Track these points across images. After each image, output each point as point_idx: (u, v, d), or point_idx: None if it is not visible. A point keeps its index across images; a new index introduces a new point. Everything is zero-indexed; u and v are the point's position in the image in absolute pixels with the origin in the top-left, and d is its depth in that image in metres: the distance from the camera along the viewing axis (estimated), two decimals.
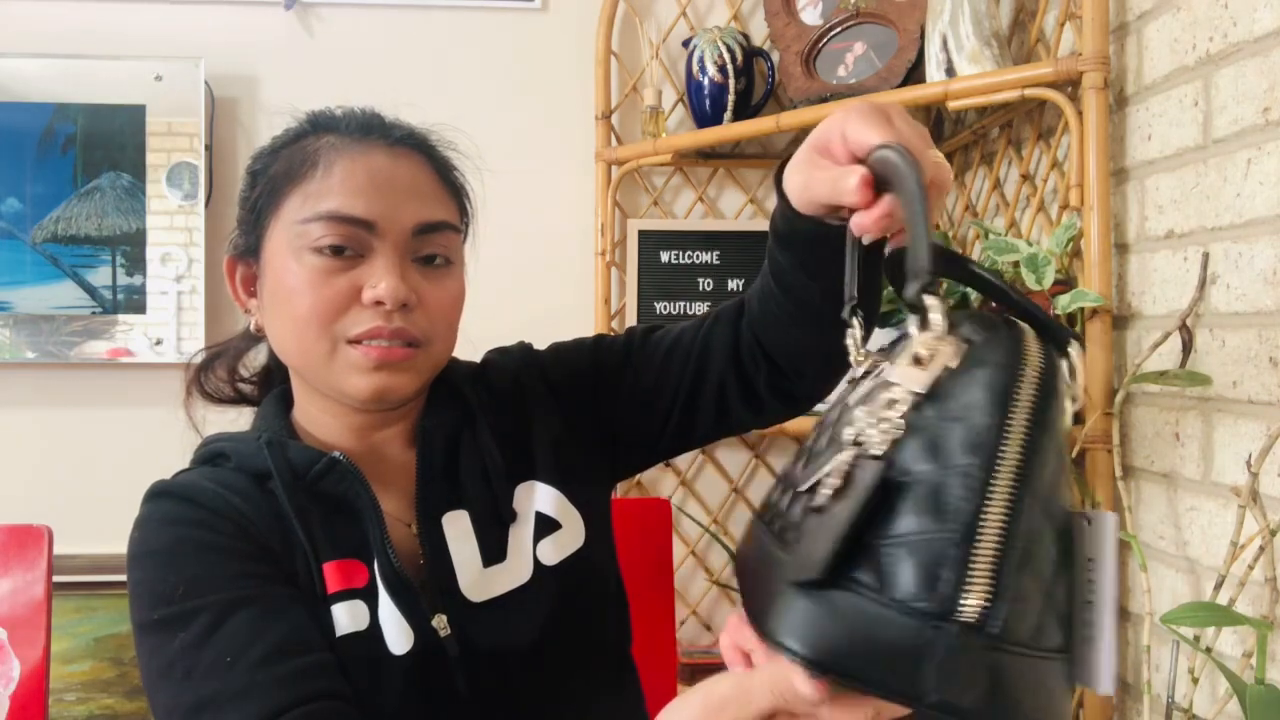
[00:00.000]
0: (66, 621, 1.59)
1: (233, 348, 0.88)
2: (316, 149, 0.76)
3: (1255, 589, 0.91)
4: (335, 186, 0.74)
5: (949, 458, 0.45)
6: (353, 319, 0.73)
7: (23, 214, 1.61)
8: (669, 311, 1.68)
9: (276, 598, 0.70)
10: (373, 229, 0.73)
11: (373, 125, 0.79)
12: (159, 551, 0.72)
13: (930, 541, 0.43)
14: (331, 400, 0.78)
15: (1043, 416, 0.46)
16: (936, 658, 0.42)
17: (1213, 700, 0.96)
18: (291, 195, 0.75)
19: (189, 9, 1.69)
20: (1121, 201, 1.16)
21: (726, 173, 1.76)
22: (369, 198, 0.73)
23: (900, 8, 1.43)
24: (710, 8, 1.75)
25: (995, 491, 0.44)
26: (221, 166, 1.69)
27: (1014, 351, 0.47)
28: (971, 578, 0.42)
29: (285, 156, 0.77)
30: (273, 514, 0.74)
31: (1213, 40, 0.99)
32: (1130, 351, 1.13)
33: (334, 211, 0.73)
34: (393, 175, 0.75)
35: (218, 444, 0.79)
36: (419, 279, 0.75)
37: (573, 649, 0.79)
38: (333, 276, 0.73)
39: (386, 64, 1.72)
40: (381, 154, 0.76)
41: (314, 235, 0.73)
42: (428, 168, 0.79)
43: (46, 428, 1.67)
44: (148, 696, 0.69)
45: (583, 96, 1.70)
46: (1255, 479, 0.89)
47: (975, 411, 0.45)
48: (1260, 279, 0.92)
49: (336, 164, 0.75)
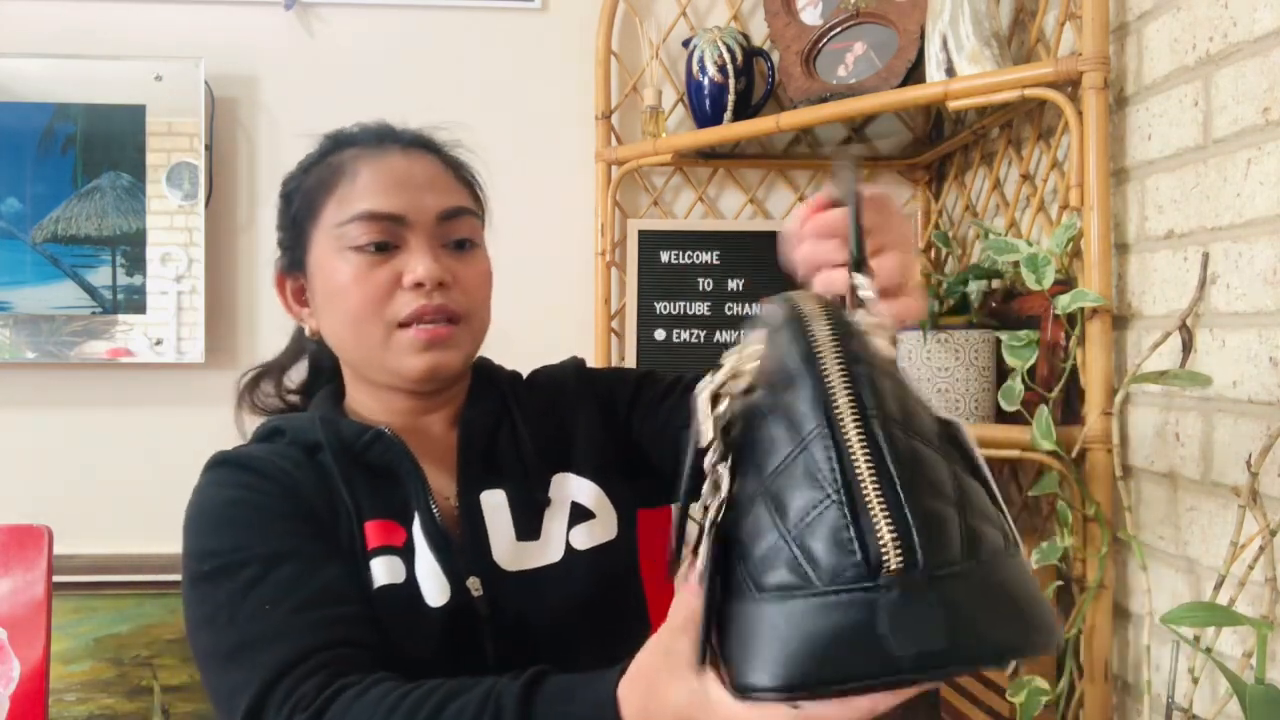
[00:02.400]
0: (66, 621, 1.59)
1: (277, 365, 0.98)
2: (341, 161, 0.85)
3: (1255, 589, 0.91)
4: (364, 189, 0.82)
5: (798, 429, 0.46)
6: (399, 303, 0.81)
7: (23, 214, 1.61)
8: (669, 311, 1.68)
9: (316, 555, 0.76)
10: (402, 221, 0.82)
11: (386, 133, 0.89)
12: (211, 512, 0.79)
13: (821, 515, 0.44)
14: (381, 387, 0.86)
15: (850, 353, 0.48)
16: (887, 620, 0.41)
17: (1213, 700, 0.96)
18: (327, 204, 0.84)
19: (189, 9, 1.69)
20: (1121, 201, 1.16)
21: (726, 173, 1.76)
22: (394, 194, 0.82)
23: (900, 8, 1.43)
24: (710, 8, 1.75)
25: (846, 438, 0.44)
26: (221, 166, 1.69)
27: (792, 316, 0.50)
28: (874, 528, 0.42)
29: (315, 173, 0.87)
30: (320, 480, 0.81)
31: (1213, 40, 0.99)
32: (1130, 351, 1.13)
33: (367, 211, 0.81)
34: (411, 172, 0.84)
35: (274, 422, 0.88)
36: (451, 261, 0.84)
37: (595, 631, 0.83)
38: (375, 269, 0.81)
39: (386, 64, 1.72)
40: (398, 156, 0.85)
41: (353, 235, 0.82)
42: (439, 163, 0.88)
43: (46, 428, 1.67)
44: (191, 646, 0.75)
45: (583, 96, 1.70)
46: (1255, 479, 0.89)
47: (791, 382, 0.48)
48: (1260, 279, 0.92)
49: (361, 170, 0.84)
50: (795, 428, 0.46)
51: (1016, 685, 1.10)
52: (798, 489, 0.45)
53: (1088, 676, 1.11)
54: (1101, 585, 1.09)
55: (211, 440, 0.90)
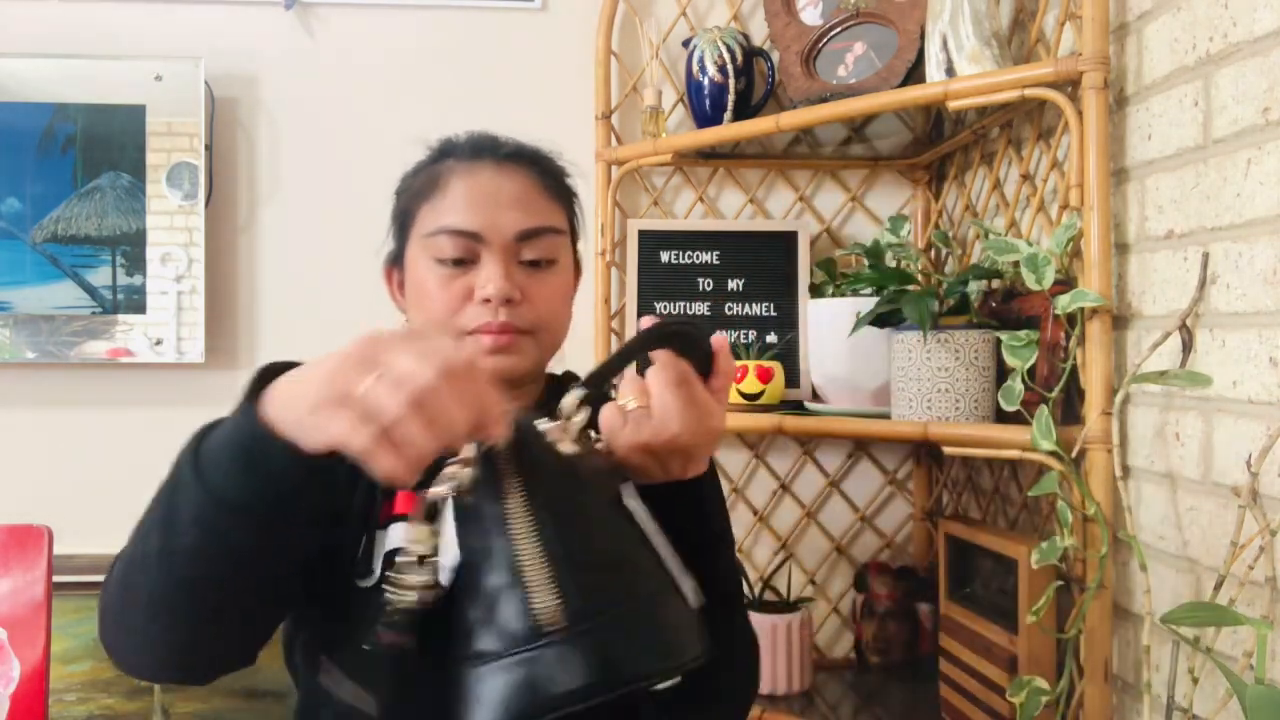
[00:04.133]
0: (66, 621, 1.59)
1: None
2: (439, 171, 0.90)
3: (1255, 589, 0.91)
4: (451, 204, 0.87)
5: (486, 530, 0.61)
6: (469, 315, 0.86)
7: (23, 214, 1.61)
8: (669, 312, 1.68)
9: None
10: (479, 238, 0.87)
11: (483, 146, 0.92)
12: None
13: (502, 594, 0.59)
14: None
15: (529, 461, 0.62)
16: (545, 667, 0.56)
17: (1213, 700, 0.96)
18: (422, 212, 0.89)
19: (189, 9, 1.69)
20: (1121, 201, 1.16)
21: (726, 173, 1.76)
22: (476, 212, 0.87)
23: (900, 8, 1.43)
24: (710, 8, 1.75)
25: (513, 531, 0.60)
26: (221, 166, 1.69)
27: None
28: (536, 599, 0.58)
29: (418, 179, 0.92)
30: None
31: (1213, 40, 0.99)
32: (1130, 352, 1.13)
33: (449, 226, 0.87)
34: (498, 188, 0.88)
35: None
36: (524, 278, 0.88)
37: None
38: (452, 281, 0.87)
39: (386, 64, 1.72)
40: (490, 170, 0.89)
41: (437, 246, 0.87)
42: (533, 178, 0.91)
43: (46, 428, 1.67)
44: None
45: (583, 96, 1.70)
46: (1255, 479, 0.89)
47: (480, 489, 0.62)
48: (1260, 279, 0.92)
49: (453, 184, 0.88)
50: (484, 530, 0.61)
51: (1017, 685, 1.10)
52: (486, 575, 0.60)
53: (1088, 676, 1.11)
54: (1101, 585, 1.09)
55: None
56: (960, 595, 1.38)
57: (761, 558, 1.72)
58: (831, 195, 1.76)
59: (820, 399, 1.55)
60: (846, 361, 1.46)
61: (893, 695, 1.51)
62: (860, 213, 1.76)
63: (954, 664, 1.34)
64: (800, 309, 1.65)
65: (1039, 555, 1.08)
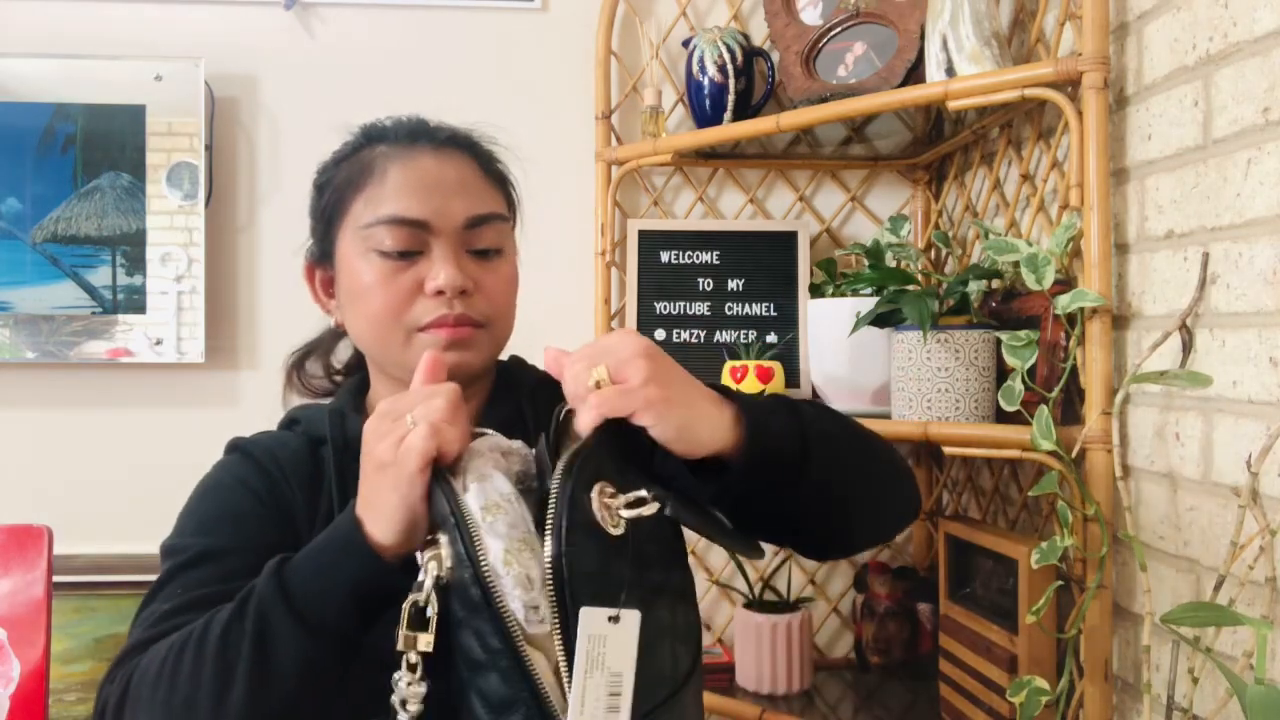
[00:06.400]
0: (66, 621, 1.59)
1: (322, 344, 0.98)
2: (372, 158, 0.84)
3: (1255, 589, 0.91)
4: (392, 192, 0.82)
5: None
6: (420, 310, 0.81)
7: (23, 214, 1.61)
8: (669, 312, 1.68)
9: (249, 562, 0.74)
10: (427, 227, 0.81)
11: (419, 130, 0.86)
12: (197, 491, 0.84)
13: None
14: (401, 383, 0.83)
15: (561, 538, 0.61)
16: None
17: (1213, 700, 0.96)
18: (355, 202, 0.83)
19: (189, 9, 1.69)
20: (1121, 201, 1.16)
21: (726, 173, 1.76)
22: (421, 199, 0.81)
23: (900, 8, 1.43)
24: (710, 8, 1.75)
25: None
26: (221, 166, 1.69)
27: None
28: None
29: (345, 167, 0.86)
30: (316, 476, 0.83)
31: (1213, 40, 0.99)
32: (1130, 351, 1.13)
33: (392, 215, 0.81)
34: (441, 175, 0.83)
35: (295, 412, 0.89)
36: (475, 268, 0.83)
37: None
38: (398, 274, 0.81)
39: (386, 64, 1.72)
40: (429, 156, 0.84)
41: (378, 238, 0.81)
42: (472, 164, 0.86)
43: (46, 428, 1.67)
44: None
45: (583, 96, 1.70)
46: (1255, 479, 0.89)
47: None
48: (1260, 279, 0.92)
49: (390, 170, 0.82)
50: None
51: (1017, 685, 1.10)
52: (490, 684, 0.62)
53: (1088, 676, 1.11)
54: (1101, 585, 1.09)
55: (211, 440, 0.91)
56: (960, 595, 1.38)
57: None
58: (831, 195, 1.76)
59: (820, 399, 1.55)
60: (846, 361, 1.46)
61: (893, 695, 1.51)
62: (860, 213, 1.76)
63: (954, 664, 1.34)
64: (800, 309, 1.65)
65: (1039, 555, 1.08)
